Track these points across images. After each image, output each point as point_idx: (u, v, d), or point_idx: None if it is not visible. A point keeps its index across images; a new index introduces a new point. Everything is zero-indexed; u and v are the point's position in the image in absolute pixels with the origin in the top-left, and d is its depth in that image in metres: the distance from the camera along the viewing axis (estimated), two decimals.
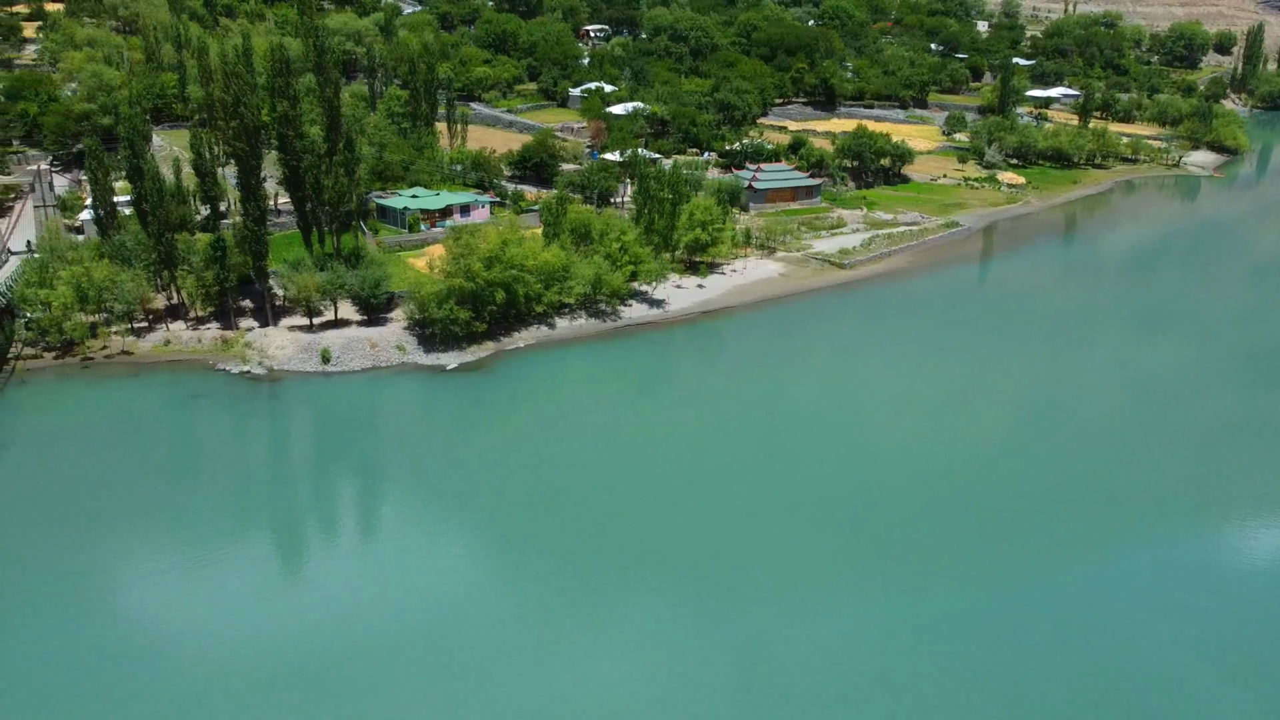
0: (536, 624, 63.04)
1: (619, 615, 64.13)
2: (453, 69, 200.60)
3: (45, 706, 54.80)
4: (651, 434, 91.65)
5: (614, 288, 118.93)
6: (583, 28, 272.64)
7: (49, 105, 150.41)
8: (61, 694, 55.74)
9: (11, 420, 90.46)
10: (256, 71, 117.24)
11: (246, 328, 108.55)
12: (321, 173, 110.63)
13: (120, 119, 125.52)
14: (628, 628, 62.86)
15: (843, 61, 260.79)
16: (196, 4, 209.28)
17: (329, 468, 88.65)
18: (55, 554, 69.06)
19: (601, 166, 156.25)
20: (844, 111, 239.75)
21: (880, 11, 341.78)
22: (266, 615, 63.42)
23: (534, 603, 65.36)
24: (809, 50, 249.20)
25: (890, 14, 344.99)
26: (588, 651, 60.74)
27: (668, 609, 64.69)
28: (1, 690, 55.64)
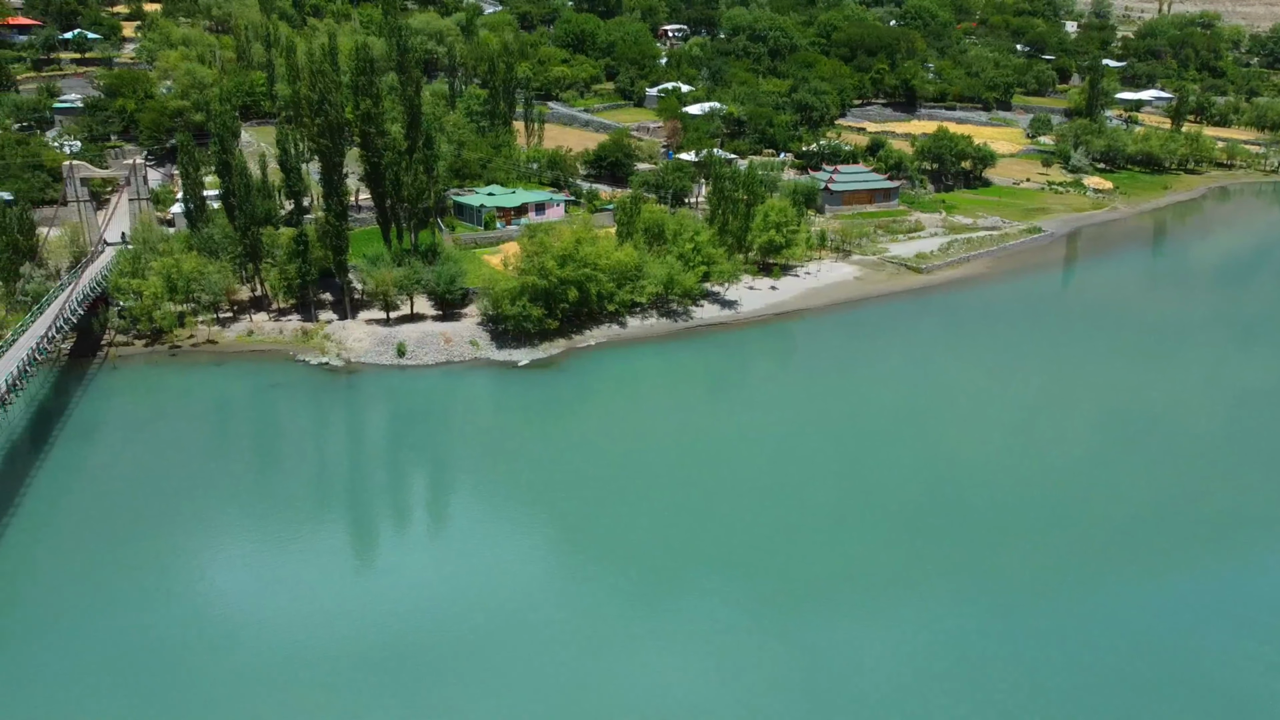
0: (602, 621, 63.16)
1: (685, 616, 63.84)
2: (531, 68, 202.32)
3: (129, 684, 56.73)
4: (721, 435, 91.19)
5: (686, 288, 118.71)
6: (661, 28, 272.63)
7: (145, 102, 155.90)
8: (144, 672, 57.65)
9: (104, 404, 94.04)
10: (341, 70, 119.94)
11: (326, 320, 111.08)
12: (401, 170, 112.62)
13: (211, 115, 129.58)
14: (694, 629, 62.53)
15: (924, 62, 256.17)
16: (286, 4, 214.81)
17: (402, 459, 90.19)
18: (142, 534, 71.58)
19: (676, 166, 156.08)
20: (924, 113, 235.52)
21: (965, 11, 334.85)
22: (341, 603, 64.62)
23: (600, 599, 65.51)
24: (890, 51, 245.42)
25: (975, 14, 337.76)
26: (653, 651, 60.61)
27: (734, 611, 64.22)
28: (88, 667, 57.76)
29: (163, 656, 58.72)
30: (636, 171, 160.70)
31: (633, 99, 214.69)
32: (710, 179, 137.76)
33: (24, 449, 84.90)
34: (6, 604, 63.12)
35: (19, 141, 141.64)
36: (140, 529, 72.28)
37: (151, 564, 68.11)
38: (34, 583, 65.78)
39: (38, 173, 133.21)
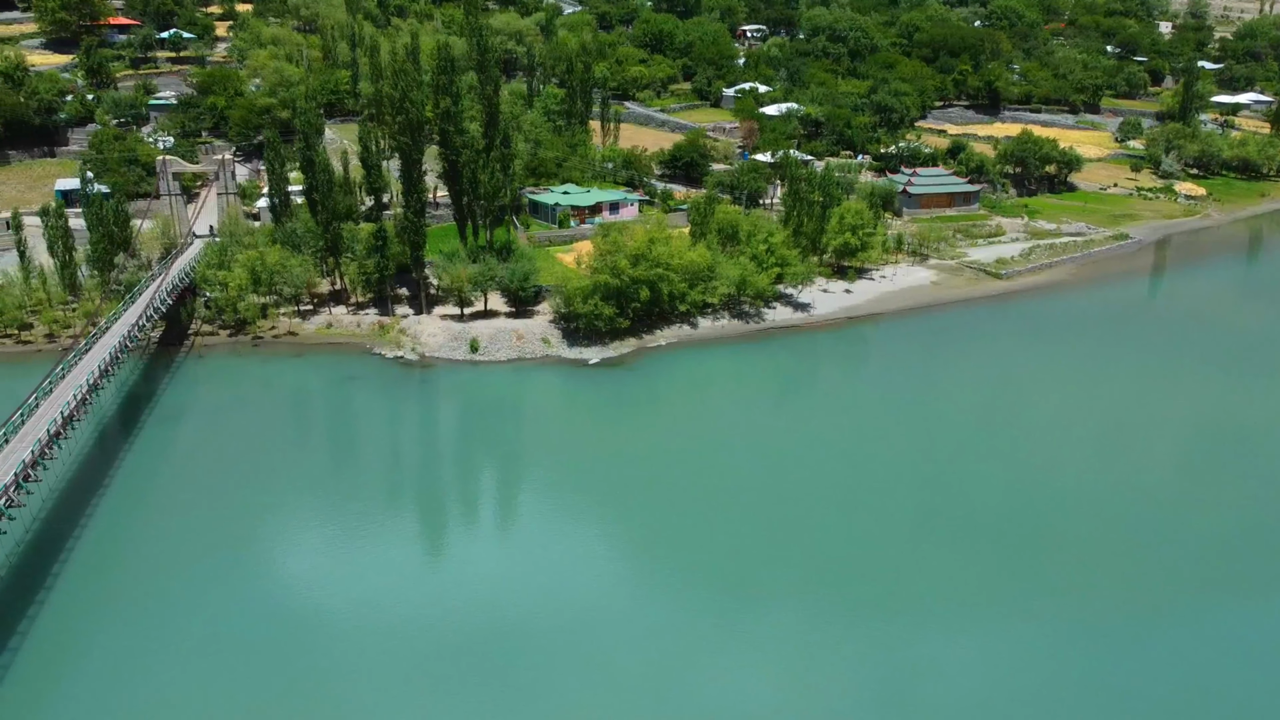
0: (671, 623, 62.94)
1: (755, 621, 63.28)
2: (609, 68, 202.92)
3: (213, 661, 58.41)
4: (793, 439, 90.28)
5: (759, 289, 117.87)
6: (739, 28, 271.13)
7: (235, 99, 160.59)
8: (227, 650, 59.29)
9: (189, 391, 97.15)
10: (422, 69, 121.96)
11: (402, 315, 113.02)
12: (479, 168, 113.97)
13: (297, 113, 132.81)
14: (764, 634, 61.93)
15: (1009, 63, 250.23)
16: (371, 4, 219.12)
17: (473, 454, 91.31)
18: (225, 516, 73.69)
19: (752, 167, 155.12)
20: (1008, 115, 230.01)
21: (1053, 11, 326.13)
22: (411, 593, 65.61)
23: (670, 602, 65.30)
24: (974, 52, 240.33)
25: (1064, 14, 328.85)
26: (723, 655, 60.16)
27: (807, 619, 63.40)
28: (176, 643, 59.64)
29: (244, 636, 60.28)
30: (711, 172, 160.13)
31: (709, 99, 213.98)
32: (786, 180, 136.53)
33: (114, 431, 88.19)
34: (101, 581, 65.45)
35: (117, 137, 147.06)
36: (222, 511, 74.44)
37: (234, 545, 70.07)
38: (124, 560, 68.14)
39: (133, 167, 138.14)
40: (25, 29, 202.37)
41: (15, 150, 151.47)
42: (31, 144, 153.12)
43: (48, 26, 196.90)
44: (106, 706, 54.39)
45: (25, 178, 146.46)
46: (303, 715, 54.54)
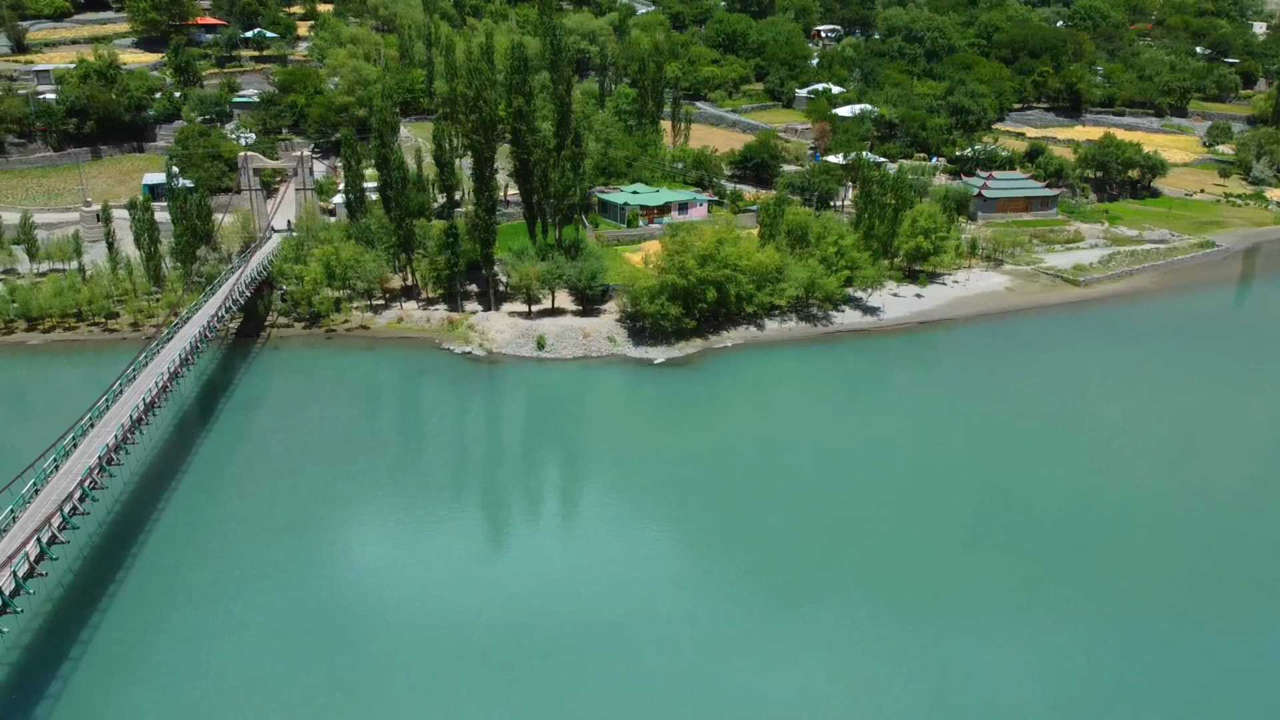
0: (729, 622, 62.62)
1: (814, 622, 62.64)
2: (681, 68, 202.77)
3: (284, 646, 59.83)
4: (858, 442, 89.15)
5: (828, 292, 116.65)
6: (814, 28, 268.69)
7: (314, 97, 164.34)
8: (298, 635, 60.67)
9: (264, 381, 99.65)
10: (496, 68, 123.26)
11: (471, 311, 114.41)
12: (550, 166, 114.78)
13: (373, 111, 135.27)
14: (823, 637, 61.26)
15: (1092, 65, 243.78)
16: (447, 4, 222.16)
17: (538, 450, 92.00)
18: (297, 503, 75.42)
19: (823, 169, 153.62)
20: (1090, 119, 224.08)
21: (1139, 12, 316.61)
22: (475, 585, 66.26)
23: (729, 601, 64.94)
24: (1055, 53, 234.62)
25: (1151, 14, 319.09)
26: (780, 656, 59.65)
27: (865, 622, 62.56)
28: (237, 630, 61.23)
29: (311, 622, 61.58)
30: (782, 173, 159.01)
31: (781, 100, 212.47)
32: (858, 182, 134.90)
33: (193, 419, 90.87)
34: (176, 562, 67.47)
35: (201, 133, 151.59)
36: (294, 499, 76.19)
37: (304, 533, 71.68)
38: (198, 543, 70.11)
39: (216, 162, 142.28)
40: (118, 29, 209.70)
41: (107, 145, 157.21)
42: (122, 139, 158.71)
43: (139, 26, 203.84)
44: (177, 684, 55.96)
45: (115, 172, 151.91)
46: (363, 704, 55.42)
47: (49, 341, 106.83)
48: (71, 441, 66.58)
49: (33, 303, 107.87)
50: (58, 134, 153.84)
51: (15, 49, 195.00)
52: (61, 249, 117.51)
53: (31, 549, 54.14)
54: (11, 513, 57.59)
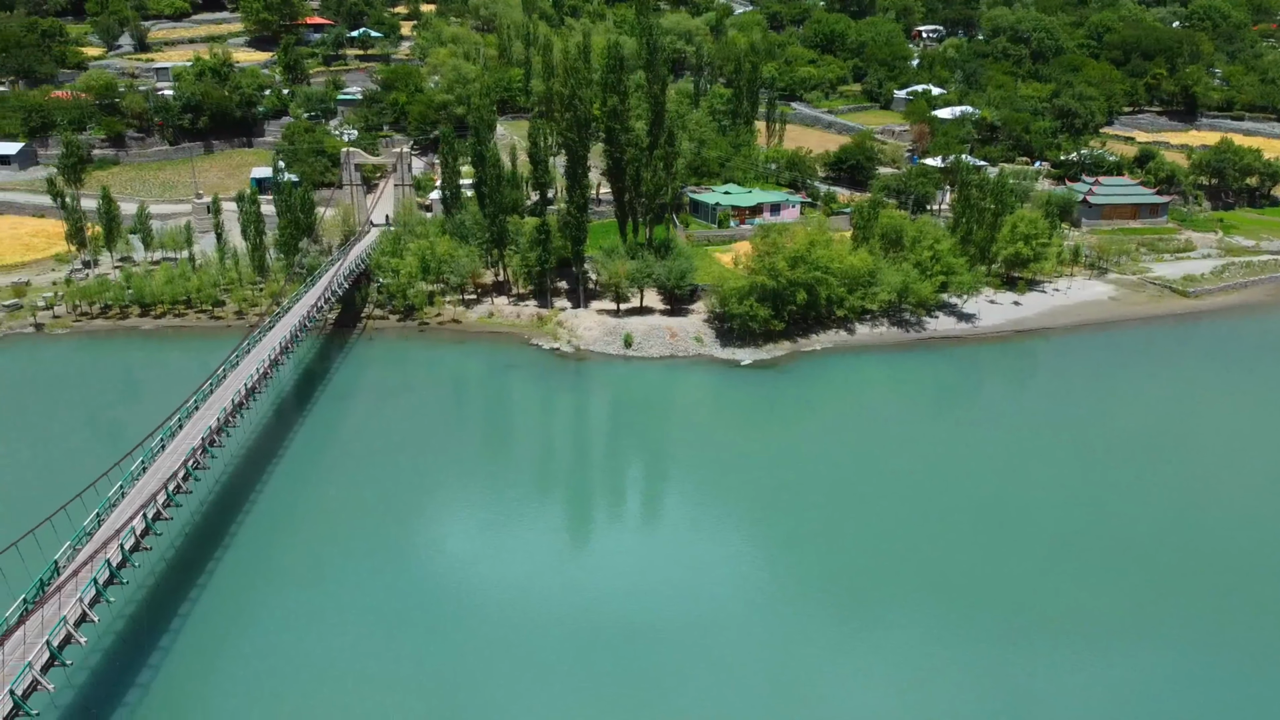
0: (803, 628, 61.83)
1: (888, 635, 61.37)
2: (777, 68, 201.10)
3: (376, 633, 61.33)
4: (944, 451, 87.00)
5: (921, 297, 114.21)
6: (915, 28, 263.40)
7: (415, 95, 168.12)
8: (390, 623, 62.13)
9: (359, 371, 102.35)
10: (592, 68, 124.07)
11: (560, 307, 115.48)
12: (642, 165, 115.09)
13: (471, 109, 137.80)
14: (896, 650, 59.98)
15: (1210, 67, 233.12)
16: (546, 4, 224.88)
17: (622, 447, 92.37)
18: (388, 491, 77.23)
19: (921, 171, 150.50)
20: (1205, 123, 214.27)
21: (1264, 11, 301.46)
22: (554, 580, 66.81)
23: (804, 607, 64.15)
24: (1170, 54, 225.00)
25: (1276, 14, 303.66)
26: (851, 667, 58.69)
27: (942, 638, 61.01)
28: (327, 612, 62.97)
29: (397, 607, 62.94)
30: (878, 175, 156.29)
31: (879, 101, 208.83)
32: (956, 186, 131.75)
33: (290, 405, 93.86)
34: (271, 544, 69.81)
35: (307, 129, 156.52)
36: (385, 487, 78.04)
37: (393, 520, 73.32)
38: (293, 526, 72.44)
39: (320, 158, 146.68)
40: (232, 28, 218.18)
41: (218, 140, 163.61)
42: (232, 135, 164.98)
43: (252, 26, 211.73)
44: (270, 659, 57.83)
45: (225, 166, 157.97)
46: (445, 686, 56.38)
47: (160, 327, 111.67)
48: (178, 423, 69.50)
49: (146, 290, 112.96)
50: (174, 129, 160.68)
51: (138, 48, 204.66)
52: (174, 239, 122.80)
53: (138, 524, 56.62)
54: (121, 489, 60.35)
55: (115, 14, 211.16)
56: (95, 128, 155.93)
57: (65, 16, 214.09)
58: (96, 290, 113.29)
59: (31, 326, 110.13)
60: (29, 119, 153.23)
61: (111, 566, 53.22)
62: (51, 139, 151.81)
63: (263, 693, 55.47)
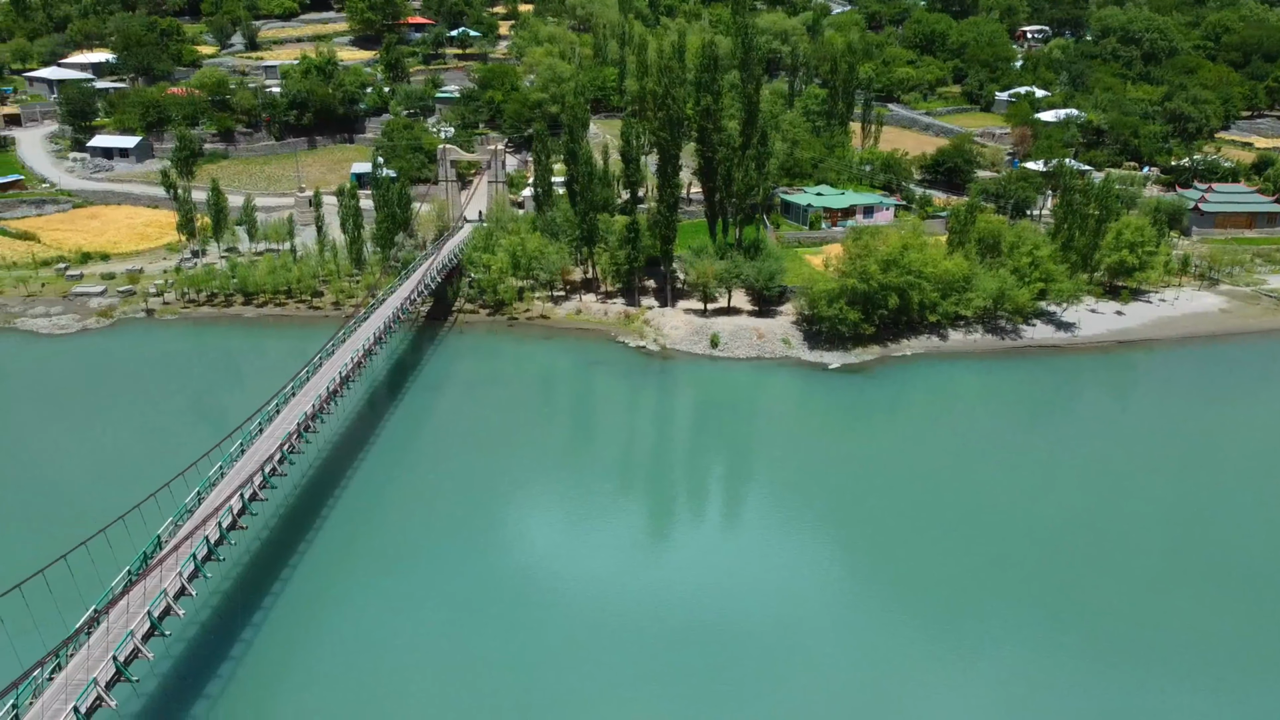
0: (886, 639, 60.65)
1: (975, 652, 59.73)
2: (874, 69, 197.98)
3: (443, 618, 62.43)
4: (1039, 463, 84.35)
5: (1018, 304, 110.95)
6: (1019, 29, 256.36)
7: (511, 94, 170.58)
8: (477, 613, 63.17)
9: (449, 364, 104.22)
10: (686, 67, 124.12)
11: (647, 306, 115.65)
12: (734, 165, 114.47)
13: (565, 108, 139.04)
14: (983, 668, 58.35)
15: None
16: (642, 4, 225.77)
17: (705, 447, 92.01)
18: (472, 485, 78.44)
19: (1021, 175, 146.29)
20: None
21: None
22: (636, 578, 66.98)
23: (889, 618, 62.92)
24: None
25: None
26: (935, 682, 57.27)
27: (1031, 656, 59.10)
28: (413, 597, 64.27)
29: (479, 597, 63.85)
30: (976, 179, 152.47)
31: (980, 103, 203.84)
32: (1059, 191, 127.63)
33: (382, 395, 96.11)
34: (360, 529, 71.57)
35: (406, 126, 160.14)
36: (471, 478, 79.32)
37: (478, 511, 74.46)
38: (382, 512, 74.08)
39: (417, 154, 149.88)
40: (338, 27, 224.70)
41: (321, 136, 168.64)
42: (335, 131, 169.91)
43: (356, 25, 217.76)
44: (355, 640, 59.27)
45: (327, 161, 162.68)
46: (524, 681, 56.93)
47: (261, 315, 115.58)
48: (275, 408, 71.75)
49: (250, 279, 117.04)
50: (280, 125, 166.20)
51: (248, 46, 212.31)
52: (277, 231, 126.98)
53: (235, 503, 58.63)
54: (220, 469, 62.62)
55: (229, 14, 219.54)
56: (207, 123, 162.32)
57: (183, 16, 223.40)
58: (204, 279, 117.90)
59: (143, 312, 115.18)
60: (146, 114, 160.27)
61: (210, 543, 55.26)
62: (166, 133, 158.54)
63: (346, 671, 56.87)
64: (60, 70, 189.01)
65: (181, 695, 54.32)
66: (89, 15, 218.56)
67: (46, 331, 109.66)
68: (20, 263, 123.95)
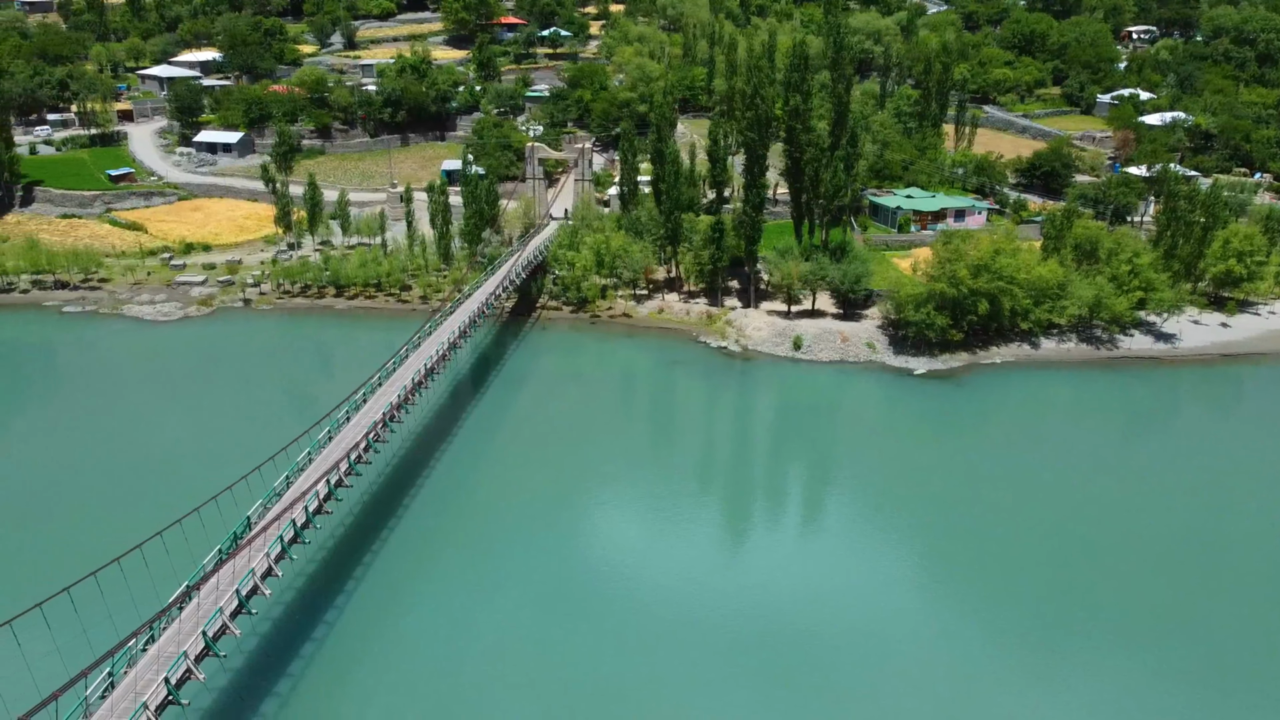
0: (970, 652, 59.09)
1: (1067, 672, 57.74)
2: (970, 70, 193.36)
3: (520, 609, 63.06)
4: (1135, 478, 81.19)
5: (1115, 313, 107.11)
6: (1124, 29, 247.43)
7: (599, 93, 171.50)
8: (538, 600, 63.74)
9: (532, 359, 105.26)
10: (776, 67, 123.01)
11: (730, 306, 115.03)
12: (822, 166, 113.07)
13: (653, 107, 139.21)
14: (1077, 688, 56.35)
15: None
16: (733, 4, 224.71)
17: (785, 449, 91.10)
18: (551, 479, 79.11)
19: (1122, 180, 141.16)
20: None
21: None
22: (713, 578, 66.61)
23: (980, 630, 61.26)
24: None
25: None
26: (1025, 700, 55.52)
27: (1126, 679, 56.92)
28: (490, 587, 65.05)
29: (556, 590, 64.33)
30: (1074, 183, 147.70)
31: (1080, 106, 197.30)
32: (1162, 196, 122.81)
33: (465, 388, 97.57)
34: (441, 518, 72.74)
35: (495, 124, 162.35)
36: (550, 472, 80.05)
37: (556, 504, 75.04)
38: (462, 502, 75.23)
39: (506, 152, 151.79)
40: (433, 27, 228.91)
41: (414, 134, 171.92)
42: (427, 128, 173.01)
43: (450, 25, 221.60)
44: (431, 628, 60.25)
45: (419, 158, 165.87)
46: (603, 678, 57.09)
47: (352, 307, 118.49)
48: (362, 397, 73.40)
49: (342, 272, 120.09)
50: (374, 122, 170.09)
51: (347, 45, 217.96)
52: (368, 225, 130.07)
53: (321, 489, 60.09)
54: (308, 455, 64.31)
55: (329, 14, 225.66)
56: (306, 119, 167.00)
57: (286, 16, 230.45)
58: (298, 271, 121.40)
59: (241, 301, 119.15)
60: (249, 111, 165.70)
61: (296, 526, 56.77)
62: (267, 129, 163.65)
63: (425, 655, 57.90)
64: (170, 68, 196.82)
65: (265, 672, 55.93)
66: (198, 15, 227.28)
67: (151, 318, 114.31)
68: (129, 252, 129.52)
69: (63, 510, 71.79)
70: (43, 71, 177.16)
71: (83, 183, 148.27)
